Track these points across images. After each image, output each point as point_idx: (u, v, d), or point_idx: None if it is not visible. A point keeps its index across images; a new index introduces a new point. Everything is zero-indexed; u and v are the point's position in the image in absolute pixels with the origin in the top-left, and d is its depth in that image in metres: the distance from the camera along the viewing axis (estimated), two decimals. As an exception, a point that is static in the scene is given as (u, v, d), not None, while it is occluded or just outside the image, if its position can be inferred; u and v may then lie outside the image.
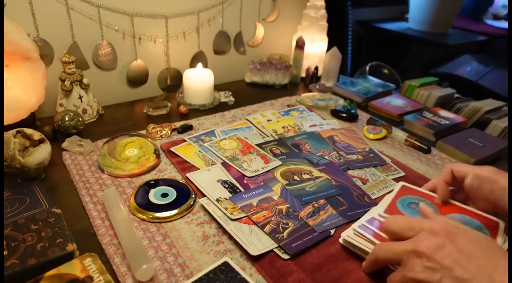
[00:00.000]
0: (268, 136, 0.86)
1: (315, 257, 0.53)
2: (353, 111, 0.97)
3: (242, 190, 0.65)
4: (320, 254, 0.53)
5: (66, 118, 0.77)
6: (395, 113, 0.99)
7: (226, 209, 0.60)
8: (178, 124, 0.87)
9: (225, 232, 0.57)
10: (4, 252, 0.46)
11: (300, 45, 1.17)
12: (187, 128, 0.86)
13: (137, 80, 1.03)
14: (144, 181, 0.66)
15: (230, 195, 0.63)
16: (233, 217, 0.58)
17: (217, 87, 1.10)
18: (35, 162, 0.62)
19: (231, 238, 0.56)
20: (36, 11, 0.82)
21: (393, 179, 0.72)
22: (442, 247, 0.39)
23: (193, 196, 0.63)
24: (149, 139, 0.78)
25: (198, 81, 0.97)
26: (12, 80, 0.72)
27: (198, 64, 1.00)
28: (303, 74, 1.24)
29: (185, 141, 0.80)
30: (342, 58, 1.18)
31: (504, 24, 2.11)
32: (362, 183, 0.70)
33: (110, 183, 0.67)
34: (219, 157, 0.75)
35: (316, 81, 1.21)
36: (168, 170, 0.72)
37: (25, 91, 0.73)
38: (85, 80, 0.86)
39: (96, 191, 0.64)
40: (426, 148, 0.83)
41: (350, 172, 0.73)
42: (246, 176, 0.69)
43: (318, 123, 0.93)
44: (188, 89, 0.98)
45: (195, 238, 0.56)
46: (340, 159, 0.77)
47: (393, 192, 0.60)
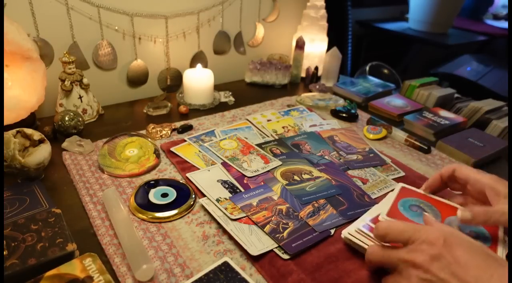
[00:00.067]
0: (268, 136, 0.86)
1: (315, 257, 0.53)
2: (353, 111, 0.97)
3: (242, 190, 0.65)
4: (320, 254, 0.53)
5: (66, 118, 0.77)
6: (395, 113, 0.99)
7: (226, 209, 0.60)
8: (178, 124, 0.87)
9: (225, 232, 0.57)
10: (4, 252, 0.46)
11: (300, 45, 1.17)
12: (187, 128, 0.86)
13: (137, 80, 1.03)
14: (144, 181, 0.66)
15: (230, 195, 0.63)
16: (233, 217, 0.58)
17: (217, 87, 1.10)
18: (35, 162, 0.62)
19: (231, 238, 0.56)
20: (36, 11, 0.82)
21: (393, 179, 0.72)
22: (439, 258, 0.40)
23: (193, 196, 0.63)
24: (149, 139, 0.78)
25: (198, 81, 0.97)
26: (12, 80, 0.72)
27: (198, 64, 1.01)
28: (303, 74, 1.24)
29: (185, 141, 0.80)
30: (342, 58, 1.18)
31: (504, 24, 2.11)
32: (362, 183, 0.70)
33: (110, 183, 0.67)
34: (219, 157, 0.75)
35: (316, 81, 1.21)
36: (168, 170, 0.72)
37: (25, 91, 0.73)
38: (85, 80, 0.86)
39: (96, 191, 0.64)
40: (426, 148, 0.83)
41: (350, 172, 0.73)
42: (246, 176, 0.69)
43: (318, 123, 0.93)
44: (188, 89, 0.98)
45: (195, 238, 0.56)
46: (340, 159, 0.77)
47: (393, 193, 0.60)
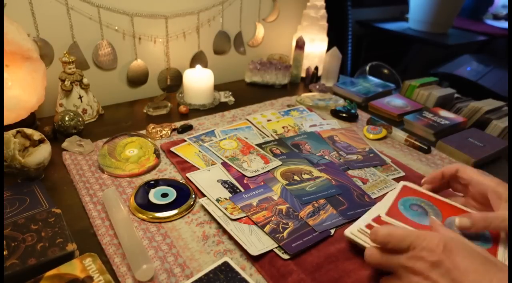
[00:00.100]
0: (268, 136, 0.86)
1: (315, 257, 0.53)
2: (353, 111, 0.97)
3: (242, 190, 0.65)
4: (320, 254, 0.53)
5: (66, 118, 0.77)
6: (395, 113, 0.99)
7: (226, 209, 0.60)
8: (178, 124, 0.87)
9: (225, 232, 0.57)
10: (4, 252, 0.46)
11: (300, 45, 1.17)
12: (187, 128, 0.86)
13: (137, 80, 1.03)
14: (144, 181, 0.66)
15: (230, 195, 0.63)
16: (233, 217, 0.58)
17: (217, 87, 1.10)
18: (35, 162, 0.62)
19: (231, 238, 0.56)
20: (36, 11, 0.82)
21: (393, 179, 0.72)
22: (439, 265, 0.40)
23: (193, 196, 0.63)
24: (149, 139, 0.78)
25: (198, 81, 0.97)
26: (12, 80, 0.72)
27: (198, 64, 1.00)
28: (303, 74, 1.24)
29: (185, 141, 0.80)
30: (342, 58, 1.18)
31: (504, 24, 2.11)
32: (362, 183, 0.70)
33: (110, 183, 0.67)
34: (219, 157, 0.75)
35: (316, 81, 1.21)
36: (168, 170, 0.72)
37: (25, 91, 0.73)
38: (85, 80, 0.86)
39: (96, 191, 0.64)
40: (426, 148, 0.83)
41: (350, 172, 0.73)
42: (246, 176, 0.69)
43: (318, 123, 0.93)
44: (188, 89, 0.98)
45: (195, 238, 0.56)
46: (340, 159, 0.77)
47: (394, 192, 0.59)
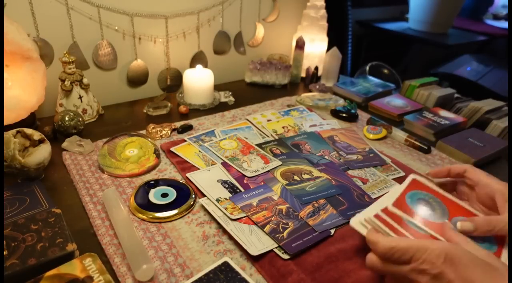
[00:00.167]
0: (268, 136, 0.86)
1: (315, 257, 0.53)
2: (353, 111, 0.97)
3: (242, 190, 0.65)
4: (320, 254, 0.53)
5: (66, 118, 0.77)
6: (395, 113, 0.99)
7: (226, 209, 0.60)
8: (178, 124, 0.87)
9: (225, 232, 0.57)
10: (4, 252, 0.46)
11: (300, 45, 1.17)
12: (187, 128, 0.86)
13: (137, 80, 1.03)
14: (144, 181, 0.66)
15: (230, 195, 0.63)
16: (233, 217, 0.58)
17: (217, 87, 1.10)
18: (35, 162, 0.62)
19: (231, 238, 0.56)
20: (36, 11, 0.82)
21: (393, 179, 0.72)
22: (440, 278, 0.41)
23: (193, 196, 0.63)
24: (149, 139, 0.78)
25: (198, 81, 0.97)
26: (12, 80, 0.72)
27: (198, 64, 1.00)
28: (303, 74, 1.24)
29: (185, 141, 0.80)
30: (342, 58, 1.18)
31: (504, 24, 2.11)
32: (362, 183, 0.70)
33: (110, 183, 0.67)
34: (219, 157, 0.75)
35: (316, 81, 1.21)
36: (168, 170, 0.72)
37: (25, 91, 0.73)
38: (85, 80, 0.86)
39: (96, 191, 0.64)
40: (426, 148, 0.83)
41: (350, 172, 0.73)
42: (246, 176, 0.69)
43: (318, 123, 0.93)
44: (188, 89, 0.98)
45: (195, 238, 0.56)
46: (340, 159, 0.77)
47: (403, 184, 0.56)
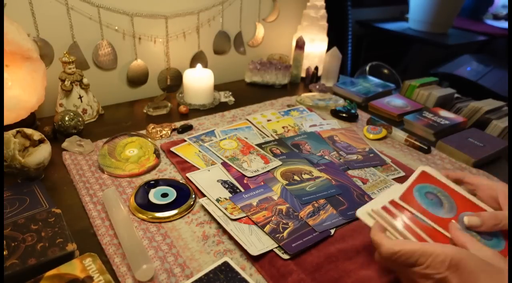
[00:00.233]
0: (268, 136, 0.86)
1: (315, 257, 0.53)
2: (353, 111, 0.97)
3: (242, 190, 0.65)
4: (320, 254, 0.53)
5: (66, 118, 0.77)
6: (395, 113, 0.99)
7: (226, 209, 0.60)
8: (178, 124, 0.87)
9: (225, 232, 0.57)
10: (4, 252, 0.46)
11: (300, 45, 1.17)
12: (187, 128, 0.86)
13: (137, 80, 1.03)
14: (144, 181, 0.66)
15: (230, 195, 0.63)
16: (233, 217, 0.58)
17: (217, 87, 1.10)
18: (35, 162, 0.62)
19: (231, 238, 0.56)
20: (36, 11, 0.82)
21: (393, 179, 0.72)
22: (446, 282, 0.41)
23: (193, 196, 0.63)
24: (149, 139, 0.78)
25: (198, 81, 0.97)
26: (12, 80, 0.72)
27: (198, 64, 1.01)
28: (303, 74, 1.24)
29: (185, 141, 0.80)
30: (342, 58, 1.18)
31: (504, 24, 2.11)
32: (362, 183, 0.70)
33: (110, 183, 0.67)
34: (219, 157, 0.75)
35: (316, 81, 1.21)
36: (168, 170, 0.72)
37: (25, 91, 0.73)
38: (85, 80, 0.86)
39: (96, 191, 0.64)
40: (426, 148, 0.83)
41: (350, 172, 0.73)
42: (246, 176, 0.69)
43: (318, 123, 0.93)
44: (188, 89, 0.98)
45: (195, 238, 0.56)
46: (340, 159, 0.77)
47: (412, 176, 0.55)
